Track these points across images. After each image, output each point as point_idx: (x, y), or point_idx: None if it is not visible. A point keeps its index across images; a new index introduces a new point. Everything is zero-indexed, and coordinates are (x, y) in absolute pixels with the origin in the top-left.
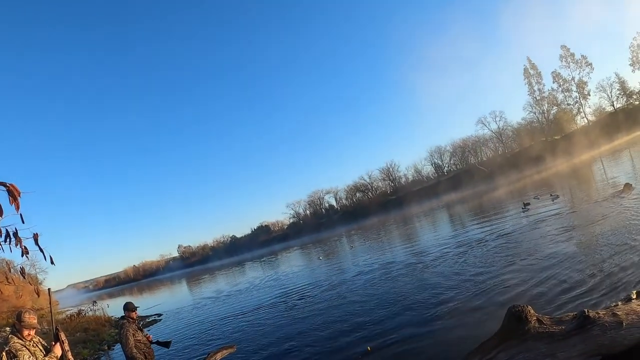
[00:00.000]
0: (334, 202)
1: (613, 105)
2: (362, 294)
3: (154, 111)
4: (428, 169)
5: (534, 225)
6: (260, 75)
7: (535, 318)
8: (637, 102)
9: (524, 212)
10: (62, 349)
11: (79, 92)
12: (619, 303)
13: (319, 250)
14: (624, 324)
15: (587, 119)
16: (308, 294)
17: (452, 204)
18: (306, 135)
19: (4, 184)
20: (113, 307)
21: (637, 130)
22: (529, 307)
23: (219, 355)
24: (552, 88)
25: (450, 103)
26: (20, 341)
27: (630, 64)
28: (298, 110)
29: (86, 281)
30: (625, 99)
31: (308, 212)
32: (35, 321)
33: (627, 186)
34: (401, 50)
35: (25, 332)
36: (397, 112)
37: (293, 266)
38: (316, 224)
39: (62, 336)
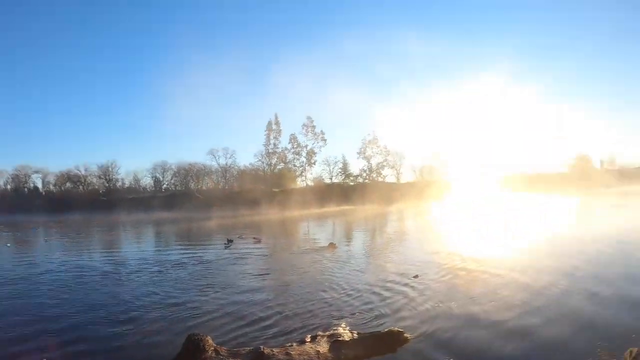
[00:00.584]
0: (40, 185)
1: (331, 179)
2: (47, 295)
3: None
4: (147, 181)
5: (233, 261)
6: None
7: (212, 348)
8: (352, 183)
9: (226, 247)
10: None
11: None
12: (294, 344)
13: (9, 235)
14: None
15: (306, 182)
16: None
17: (163, 222)
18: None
19: None
20: None
21: (344, 205)
22: (208, 337)
23: None
24: (286, 147)
25: (191, 123)
26: None
27: (357, 152)
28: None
29: None
30: (343, 177)
31: (9, 187)
32: None
33: (332, 245)
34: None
35: None
36: (134, 107)
37: None
38: (14, 204)
39: None
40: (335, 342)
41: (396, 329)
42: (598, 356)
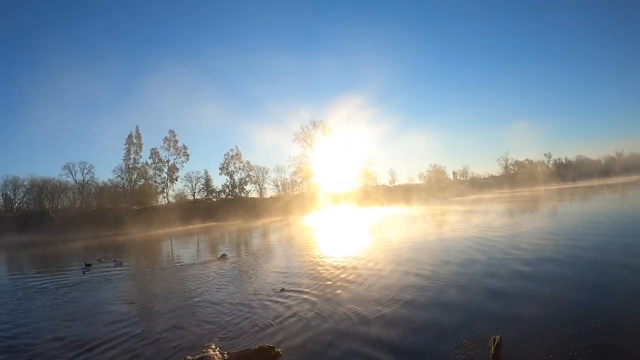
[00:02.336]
0: None
1: (194, 196)
2: None
3: None
4: None
5: (92, 287)
6: None
7: None
8: (215, 199)
9: (84, 272)
10: None
11: None
12: None
13: None
14: None
15: (168, 199)
16: None
17: (14, 246)
18: None
19: None
20: None
21: (209, 221)
22: None
23: None
24: (146, 162)
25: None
26: None
27: (220, 168)
28: None
29: None
30: (206, 193)
31: None
32: None
33: (224, 256)
34: None
35: None
36: None
37: None
38: None
39: None
40: None
41: (267, 344)
42: (463, 345)
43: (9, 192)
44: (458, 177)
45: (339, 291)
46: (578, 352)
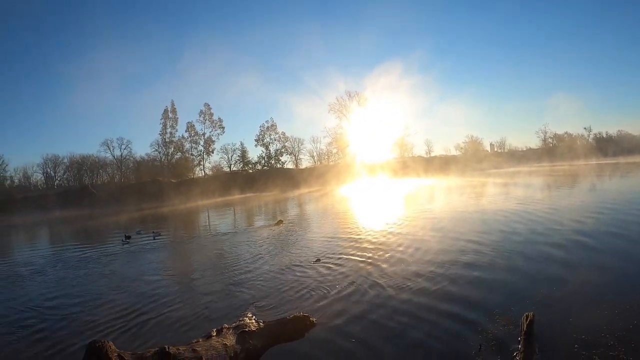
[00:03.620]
0: None
1: (230, 167)
2: None
3: None
4: (38, 178)
5: (134, 258)
6: None
7: (116, 354)
8: (251, 171)
9: (124, 244)
10: None
11: None
12: (200, 340)
13: None
14: (204, 358)
15: (205, 172)
16: None
17: (58, 221)
18: None
19: None
20: None
21: (247, 192)
22: (110, 342)
23: None
24: (183, 136)
25: (83, 113)
26: None
27: (255, 139)
28: None
29: None
30: (242, 165)
31: None
32: None
33: (280, 222)
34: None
35: None
36: (17, 92)
37: None
38: None
39: None
40: (242, 333)
41: (302, 313)
42: (495, 321)
43: (49, 170)
44: (495, 149)
45: (375, 261)
46: (619, 332)
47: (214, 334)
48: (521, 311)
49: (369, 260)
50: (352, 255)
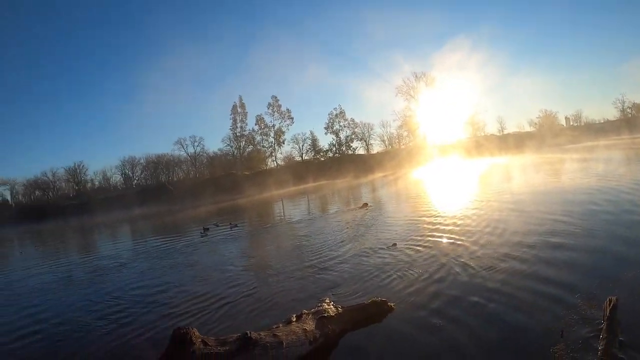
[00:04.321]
0: (8, 197)
1: (302, 157)
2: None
3: None
4: (117, 179)
5: (212, 249)
6: None
7: (200, 340)
8: (322, 159)
9: (203, 236)
10: None
11: None
12: (280, 325)
13: None
14: (284, 343)
15: (277, 162)
16: None
17: (137, 218)
18: None
19: None
20: None
21: (320, 180)
22: (194, 329)
23: None
24: (253, 129)
25: (157, 115)
26: None
27: (325, 127)
28: None
29: None
30: (313, 154)
31: None
32: None
33: (365, 205)
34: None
35: None
36: (97, 112)
37: None
38: None
39: None
40: (321, 319)
41: (380, 298)
42: (577, 305)
43: (127, 171)
44: (571, 123)
45: (454, 244)
46: None
47: (294, 319)
48: (605, 295)
49: (452, 242)
50: (432, 237)
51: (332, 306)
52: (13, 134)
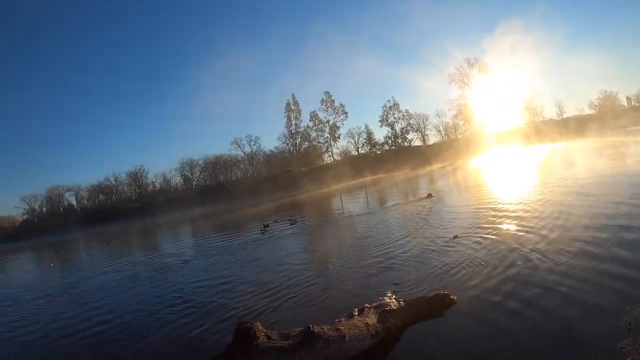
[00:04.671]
0: (74, 202)
1: (357, 150)
2: (87, 311)
3: None
4: (177, 180)
5: (273, 245)
6: None
7: (263, 334)
8: (378, 152)
9: (263, 233)
10: None
11: None
12: (342, 319)
13: (52, 255)
14: (347, 337)
15: (333, 157)
16: (32, 305)
17: (197, 218)
18: (46, 122)
19: None
20: None
21: (377, 173)
22: (257, 323)
23: None
24: (308, 125)
25: (212, 118)
26: None
27: (379, 120)
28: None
29: None
30: (369, 147)
31: (45, 209)
32: None
33: (429, 195)
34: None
35: None
36: (156, 116)
37: (20, 272)
38: (53, 224)
39: None
40: (383, 312)
41: (442, 292)
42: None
43: (186, 172)
44: (632, 103)
45: (518, 234)
46: None
47: (356, 313)
48: None
49: (517, 232)
50: (495, 227)
51: (393, 300)
52: (76, 142)
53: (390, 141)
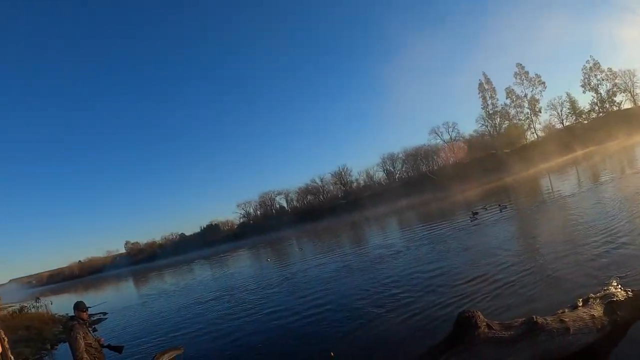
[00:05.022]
0: (284, 204)
1: (562, 123)
2: (309, 298)
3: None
4: (380, 175)
5: (484, 232)
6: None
7: (484, 324)
8: (585, 122)
9: (472, 220)
10: (2, 346)
11: None
12: (566, 310)
13: (267, 251)
14: (571, 330)
15: (537, 134)
16: (257, 297)
17: (403, 210)
18: (260, 136)
19: None
20: (57, 304)
21: (589, 146)
22: (479, 312)
23: (166, 357)
24: (505, 103)
25: (405, 111)
26: None
27: (581, 85)
28: (253, 111)
29: (30, 276)
30: (574, 118)
31: (259, 212)
32: None
33: None
34: (371, 51)
35: None
36: (352, 117)
37: (241, 267)
38: (266, 225)
39: (2, 333)
40: (609, 303)
41: None
42: None
43: (388, 167)
44: None
45: None
46: None
47: (580, 304)
48: None
49: None
50: None
51: (620, 289)
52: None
53: (597, 107)
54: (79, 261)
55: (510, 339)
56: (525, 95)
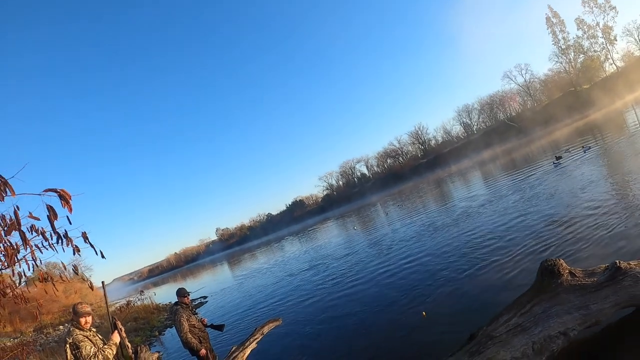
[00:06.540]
0: (365, 171)
1: None
2: (400, 258)
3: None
4: (457, 129)
5: (567, 178)
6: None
7: (567, 271)
8: None
9: (556, 166)
10: (120, 336)
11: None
12: None
13: (353, 220)
14: None
15: (615, 65)
16: (347, 263)
17: (484, 162)
18: (335, 108)
19: (54, 190)
20: (159, 295)
21: None
22: (561, 260)
23: (265, 329)
24: (576, 35)
25: (472, 60)
26: (82, 332)
27: None
28: (329, 87)
29: (130, 273)
30: None
31: (341, 182)
32: (89, 309)
33: None
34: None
35: (83, 321)
36: (422, 75)
37: (329, 238)
38: (349, 194)
39: (119, 324)
40: None
41: None
42: None
43: (464, 119)
44: None
45: None
46: None
47: None
48: None
49: None
50: None
51: None
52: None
53: None
54: (175, 253)
55: (593, 286)
56: (597, 24)
